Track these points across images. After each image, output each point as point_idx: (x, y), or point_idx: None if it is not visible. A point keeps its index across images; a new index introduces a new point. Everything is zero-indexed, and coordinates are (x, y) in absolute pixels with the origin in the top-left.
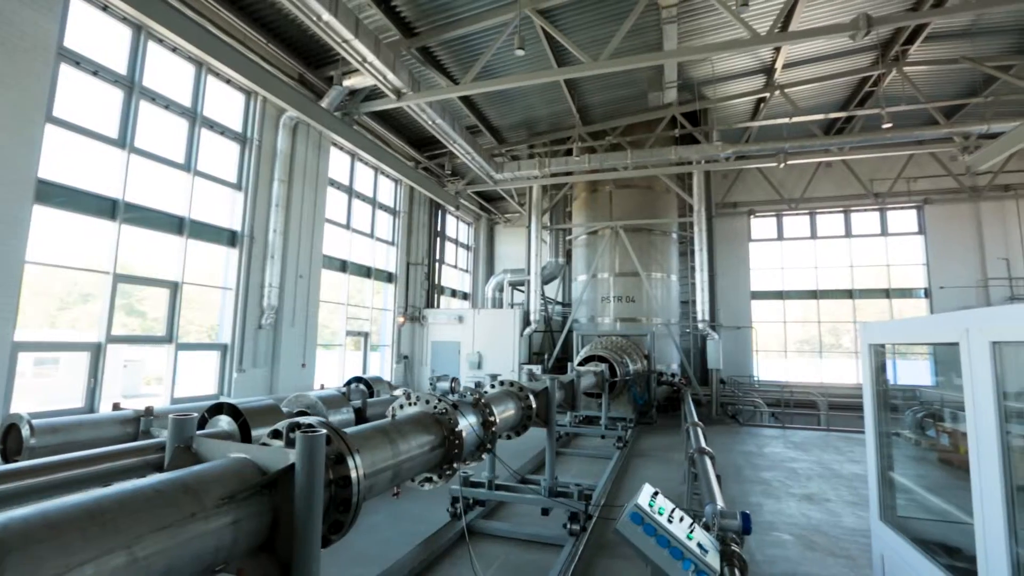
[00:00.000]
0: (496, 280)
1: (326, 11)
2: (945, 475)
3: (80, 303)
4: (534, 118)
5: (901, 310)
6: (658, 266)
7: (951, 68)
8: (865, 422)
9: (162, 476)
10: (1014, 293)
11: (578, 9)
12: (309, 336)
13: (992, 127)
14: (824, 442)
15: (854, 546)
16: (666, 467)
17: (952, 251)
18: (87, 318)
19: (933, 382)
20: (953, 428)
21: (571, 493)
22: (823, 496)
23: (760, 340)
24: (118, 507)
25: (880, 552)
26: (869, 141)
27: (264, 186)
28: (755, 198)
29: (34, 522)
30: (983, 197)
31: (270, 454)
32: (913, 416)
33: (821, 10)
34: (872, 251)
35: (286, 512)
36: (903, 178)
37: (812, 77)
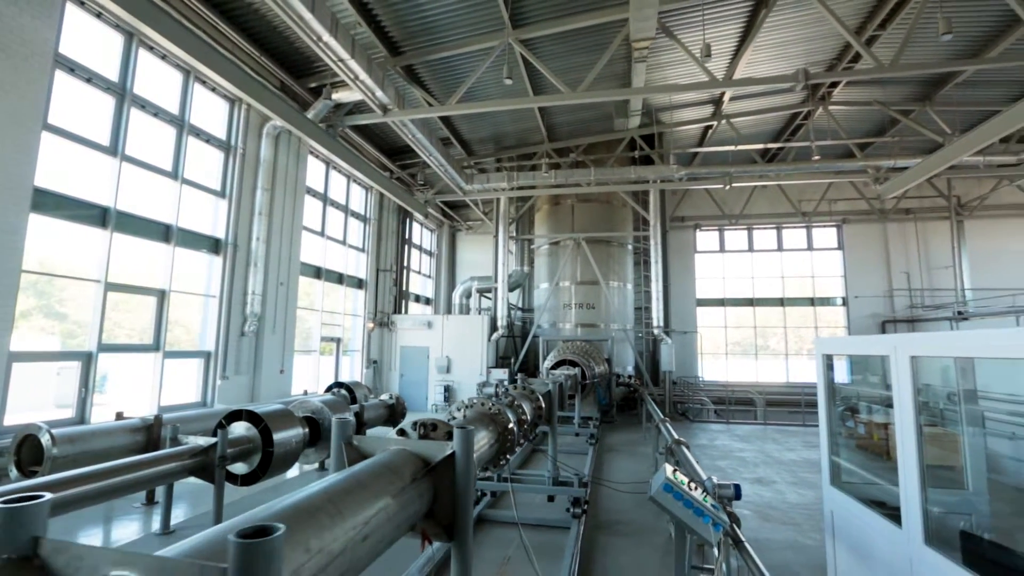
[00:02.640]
0: (464, 287)
1: (327, 32)
2: (862, 456)
3: (61, 310)
4: (503, 133)
5: (823, 316)
6: (616, 275)
7: (866, 109)
8: (819, 412)
9: (366, 464)
10: (912, 302)
11: (556, 40)
12: (287, 342)
13: (897, 162)
14: (764, 435)
15: (799, 516)
16: (634, 459)
17: (865, 265)
18: (66, 326)
19: (849, 380)
20: (868, 420)
21: (571, 481)
22: (770, 479)
23: (704, 344)
24: (344, 491)
25: (830, 508)
26: (800, 169)
27: (247, 194)
28: (701, 213)
29: (294, 509)
30: (889, 219)
31: (429, 446)
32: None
33: (764, 53)
34: (800, 264)
35: (445, 487)
36: (826, 200)
37: (753, 109)
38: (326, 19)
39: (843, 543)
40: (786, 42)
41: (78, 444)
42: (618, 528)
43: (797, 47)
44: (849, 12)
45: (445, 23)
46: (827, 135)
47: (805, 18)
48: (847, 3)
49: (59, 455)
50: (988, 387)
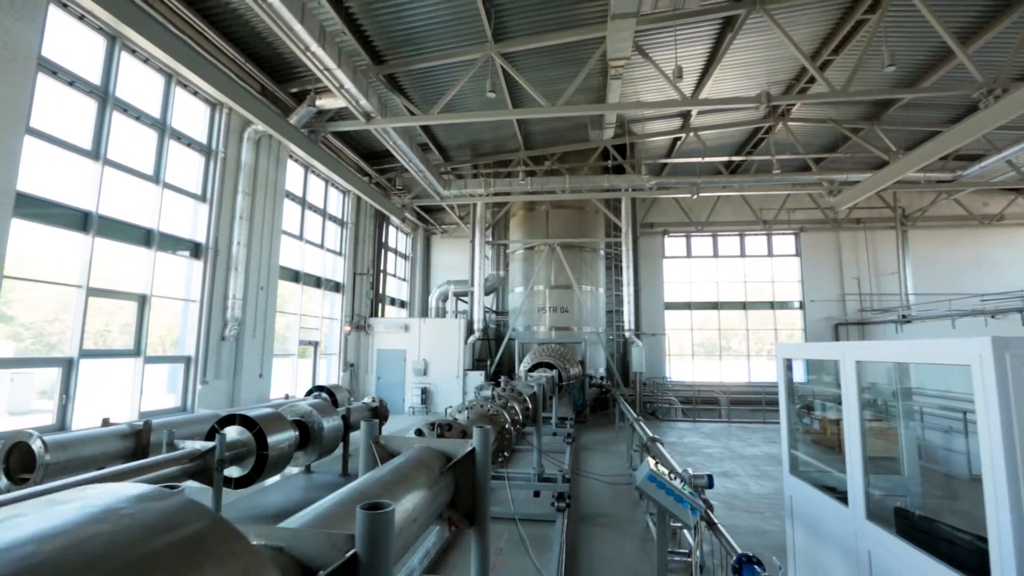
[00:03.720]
0: (440, 290)
1: (315, 42)
2: (817, 449)
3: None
4: (480, 140)
5: (782, 319)
6: (588, 280)
7: (821, 126)
8: (780, 409)
9: (402, 460)
10: (862, 305)
11: (536, 54)
12: (267, 347)
13: (849, 176)
14: (728, 432)
15: (761, 505)
16: (609, 457)
17: (820, 271)
18: (13, 328)
19: (806, 380)
20: (822, 416)
21: (555, 478)
22: (734, 473)
23: (672, 345)
24: (393, 482)
25: (790, 494)
26: (761, 181)
27: (228, 198)
28: (669, 220)
29: (360, 495)
30: (842, 228)
31: (451, 444)
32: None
33: (731, 72)
34: (761, 269)
35: (466, 479)
36: (785, 209)
37: (719, 123)
38: (314, 30)
39: (800, 524)
40: (750, 63)
41: (69, 450)
42: (599, 520)
43: (760, 67)
44: (806, 38)
45: (429, 35)
46: (786, 149)
47: (768, 41)
48: (805, 29)
49: (51, 461)
50: (924, 385)
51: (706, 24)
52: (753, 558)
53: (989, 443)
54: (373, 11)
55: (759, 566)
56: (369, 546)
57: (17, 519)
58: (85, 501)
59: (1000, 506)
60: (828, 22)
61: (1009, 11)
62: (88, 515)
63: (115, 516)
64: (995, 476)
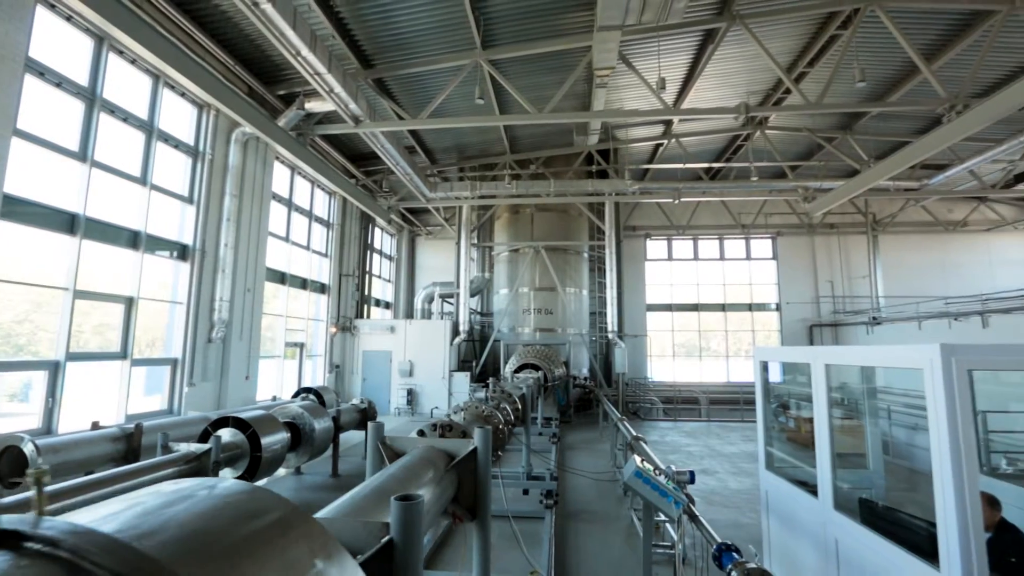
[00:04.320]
0: (426, 292)
1: (305, 47)
2: (791, 446)
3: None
4: (466, 143)
5: (759, 320)
6: (572, 282)
7: (797, 134)
8: (756, 409)
9: (411, 458)
10: (836, 308)
11: (523, 62)
12: (253, 348)
13: (823, 184)
14: (708, 430)
15: (739, 500)
16: (594, 456)
17: (795, 274)
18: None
19: (781, 380)
20: (797, 415)
21: (544, 476)
22: (713, 470)
23: (653, 346)
24: (405, 479)
25: (765, 489)
26: (740, 187)
27: (215, 199)
28: (651, 223)
29: (380, 491)
30: (817, 232)
31: (454, 443)
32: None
33: (712, 81)
34: (739, 272)
35: (468, 476)
36: (762, 214)
37: (700, 130)
38: (306, 35)
39: (775, 516)
40: (730, 73)
41: (61, 454)
42: (585, 517)
43: (740, 77)
44: (783, 50)
45: (418, 40)
46: (764, 156)
47: (747, 53)
48: (782, 43)
49: (44, 464)
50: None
51: (688, 36)
52: (732, 546)
53: (937, 438)
54: (362, 17)
55: (737, 553)
56: (403, 533)
57: (142, 504)
58: (182, 494)
59: (946, 494)
60: (803, 36)
61: (970, 30)
62: (202, 500)
63: (223, 502)
64: (942, 467)
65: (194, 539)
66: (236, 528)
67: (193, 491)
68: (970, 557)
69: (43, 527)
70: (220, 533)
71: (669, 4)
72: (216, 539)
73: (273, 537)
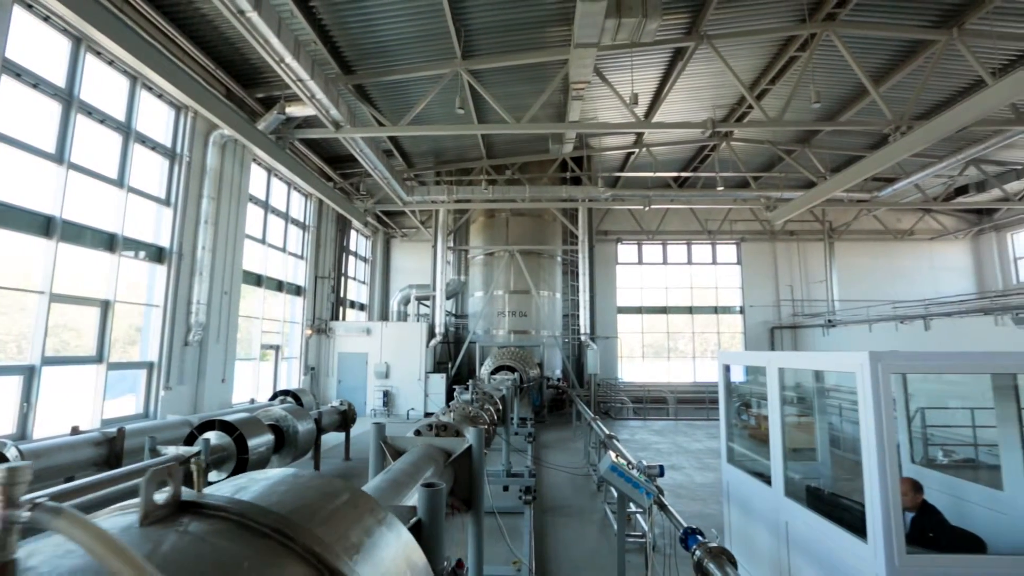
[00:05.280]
0: (402, 294)
1: (289, 54)
2: (752, 442)
3: None
4: (443, 148)
5: (724, 323)
6: (546, 285)
7: (760, 146)
8: (719, 408)
9: (414, 454)
10: (795, 311)
11: (501, 72)
12: (229, 351)
13: (784, 194)
14: (675, 429)
15: (704, 493)
16: (568, 453)
17: (758, 278)
18: None
19: (745, 379)
20: (757, 413)
21: (523, 473)
22: (681, 465)
23: (623, 348)
24: (411, 473)
25: (727, 480)
26: (707, 195)
27: (192, 202)
28: (622, 228)
29: (393, 483)
30: (778, 239)
31: (450, 442)
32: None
33: (681, 95)
34: (706, 276)
35: (464, 471)
36: (728, 220)
37: (669, 140)
38: (289, 43)
39: (735, 504)
40: (698, 88)
41: (44, 458)
42: (562, 511)
43: (707, 92)
44: (747, 68)
45: (399, 49)
46: (729, 167)
47: (714, 70)
48: (746, 62)
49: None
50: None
51: (659, 53)
52: (696, 530)
53: (866, 432)
54: (345, 24)
55: (700, 535)
56: (429, 514)
57: (256, 486)
58: (277, 478)
59: (872, 478)
60: (766, 56)
61: (914, 57)
62: (297, 484)
63: (310, 486)
64: (869, 456)
65: (305, 509)
66: (325, 503)
67: (284, 478)
68: (890, 532)
69: (211, 500)
70: (317, 506)
71: (642, 26)
72: (316, 509)
73: (349, 509)
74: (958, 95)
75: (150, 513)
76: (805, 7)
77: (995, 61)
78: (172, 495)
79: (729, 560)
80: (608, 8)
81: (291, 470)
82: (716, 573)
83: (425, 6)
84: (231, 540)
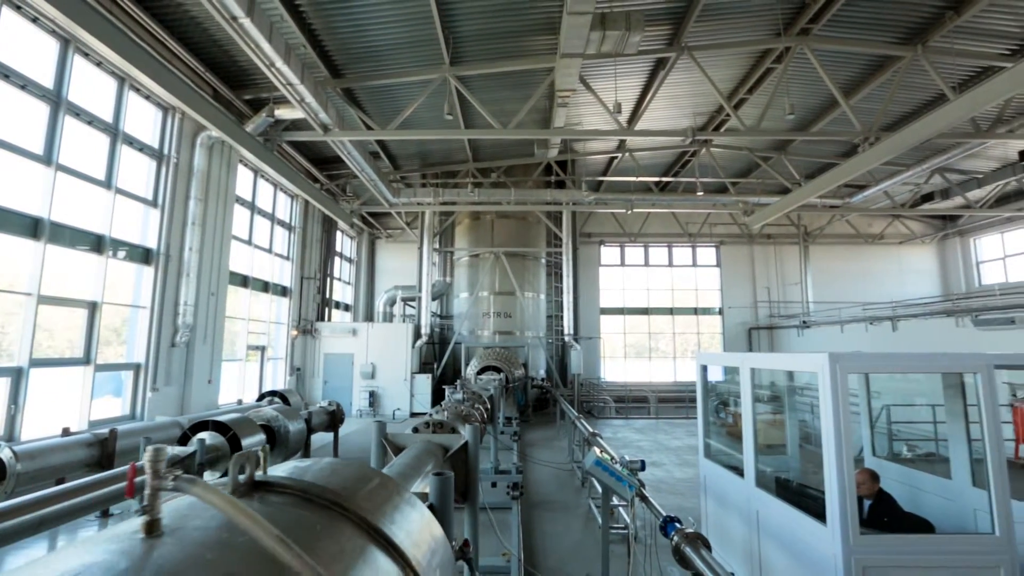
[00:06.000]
0: (388, 295)
1: (280, 59)
2: (729, 439)
3: None
4: (429, 151)
5: (704, 323)
6: (530, 286)
7: (738, 153)
8: (697, 406)
9: (415, 449)
10: (772, 312)
11: (488, 78)
12: (216, 352)
13: (761, 199)
14: (656, 427)
15: (683, 487)
16: (552, 451)
17: (736, 280)
18: None
19: (724, 378)
20: (734, 411)
21: (510, 470)
22: (661, 462)
23: (606, 348)
24: (414, 467)
25: (704, 474)
26: (687, 200)
27: (180, 203)
28: (605, 231)
29: (399, 475)
30: (755, 242)
31: (447, 438)
32: (712, 405)
33: (663, 102)
34: (686, 278)
35: (460, 465)
36: (707, 224)
37: (651, 146)
38: (281, 48)
39: (711, 496)
40: (680, 96)
41: (38, 460)
42: (547, 506)
43: (688, 100)
44: (725, 78)
45: (388, 54)
46: (708, 172)
47: (694, 79)
48: (724, 72)
49: (23, 471)
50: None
51: (642, 63)
52: (675, 518)
53: (825, 426)
54: (334, 29)
55: (679, 523)
56: (440, 499)
57: (306, 468)
58: (323, 465)
59: (830, 468)
60: (743, 67)
61: (882, 71)
62: (338, 468)
63: (350, 469)
64: (828, 447)
65: (350, 487)
66: (363, 484)
67: (328, 464)
68: (846, 516)
69: (279, 479)
70: (358, 486)
71: (626, 38)
72: (358, 488)
73: (381, 489)
74: (923, 107)
75: (236, 489)
76: (780, 22)
77: (956, 77)
78: (249, 475)
79: (704, 544)
80: (593, 21)
81: (330, 459)
82: (692, 555)
83: (415, 14)
84: (302, 509)
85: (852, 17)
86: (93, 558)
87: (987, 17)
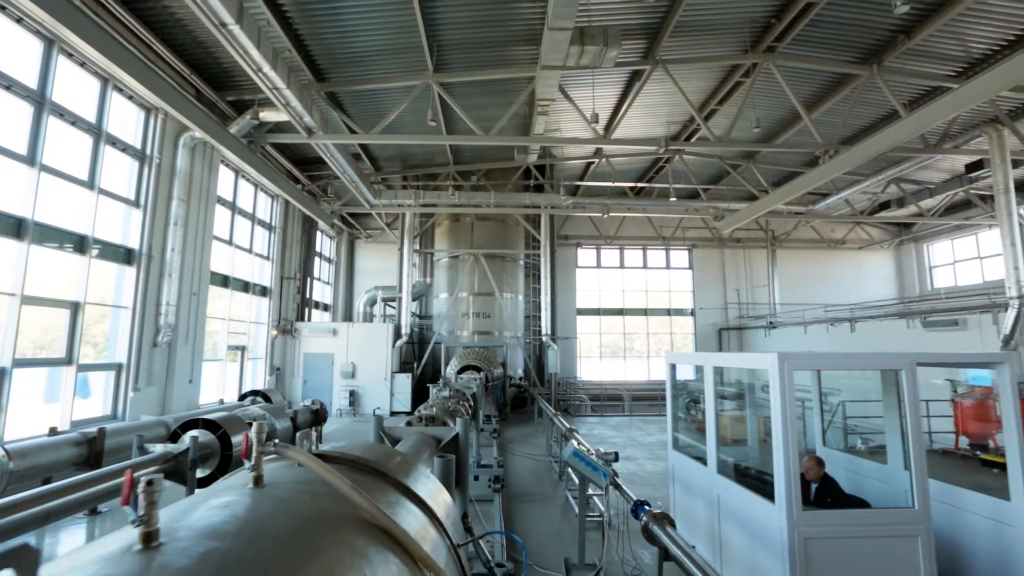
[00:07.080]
0: (369, 295)
1: (267, 64)
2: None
3: None
4: (410, 153)
5: (676, 324)
6: (509, 287)
7: (710, 160)
8: (666, 404)
9: (412, 440)
10: (741, 313)
11: (471, 85)
12: (197, 352)
13: (731, 205)
14: (630, 424)
15: (654, 479)
16: (531, 447)
17: (708, 283)
18: None
19: (695, 376)
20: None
21: (492, 464)
22: (634, 456)
23: (582, 348)
24: (408, 453)
25: (672, 464)
26: (661, 204)
27: (162, 203)
28: (582, 233)
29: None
30: (726, 246)
31: (440, 430)
32: (683, 403)
33: (639, 111)
34: (660, 280)
35: (451, 454)
36: (680, 228)
37: (626, 152)
38: (268, 53)
39: (679, 484)
40: (654, 105)
41: (28, 458)
42: (527, 498)
43: (662, 110)
44: (697, 90)
45: (372, 59)
46: (681, 178)
47: (668, 90)
48: (696, 84)
49: (14, 469)
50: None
51: (619, 73)
52: (644, 502)
53: (775, 416)
54: (320, 34)
55: (648, 506)
56: (443, 477)
57: (341, 446)
58: (357, 444)
59: (777, 453)
60: (714, 80)
61: (842, 87)
62: (368, 448)
63: (377, 448)
64: (776, 436)
65: (384, 460)
66: (391, 458)
67: (361, 444)
68: (791, 495)
69: (334, 453)
70: (388, 459)
71: (604, 52)
72: (388, 461)
73: (404, 463)
74: (880, 121)
75: None
76: (748, 39)
77: (908, 94)
78: (309, 448)
79: (669, 522)
80: (572, 36)
81: (360, 442)
82: (659, 532)
83: (400, 23)
84: (355, 473)
85: (814, 37)
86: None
87: (935, 41)
